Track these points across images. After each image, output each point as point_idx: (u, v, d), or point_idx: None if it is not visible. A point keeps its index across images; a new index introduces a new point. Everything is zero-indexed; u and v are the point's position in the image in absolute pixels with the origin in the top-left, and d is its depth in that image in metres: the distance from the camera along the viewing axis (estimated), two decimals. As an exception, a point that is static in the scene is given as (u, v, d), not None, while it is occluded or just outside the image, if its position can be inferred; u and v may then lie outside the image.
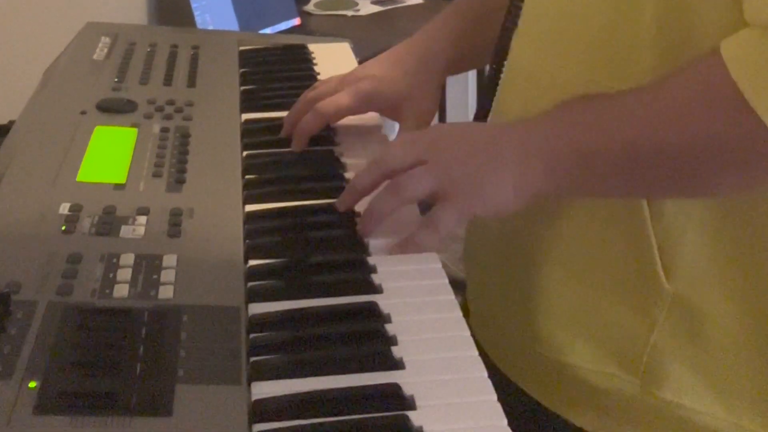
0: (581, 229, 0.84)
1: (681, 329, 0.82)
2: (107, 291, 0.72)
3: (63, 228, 0.80)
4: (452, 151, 0.81)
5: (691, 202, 0.79)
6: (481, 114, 0.98)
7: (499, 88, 0.92)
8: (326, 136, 1.02)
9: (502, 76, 0.93)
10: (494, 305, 0.94)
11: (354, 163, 0.97)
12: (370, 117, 1.05)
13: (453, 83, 2.71)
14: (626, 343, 0.84)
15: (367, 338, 0.71)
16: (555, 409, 0.89)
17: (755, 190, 0.77)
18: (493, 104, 0.93)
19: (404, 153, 0.82)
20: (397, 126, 1.04)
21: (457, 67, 1.05)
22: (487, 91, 0.98)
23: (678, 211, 0.80)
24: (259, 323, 0.71)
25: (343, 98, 1.00)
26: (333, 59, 1.25)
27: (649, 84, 0.76)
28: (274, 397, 0.64)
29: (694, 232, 0.79)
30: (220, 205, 0.87)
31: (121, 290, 0.72)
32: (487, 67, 0.99)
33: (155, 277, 0.74)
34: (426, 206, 0.82)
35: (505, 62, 0.91)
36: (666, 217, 0.80)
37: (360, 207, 0.85)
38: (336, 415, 0.63)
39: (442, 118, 2.57)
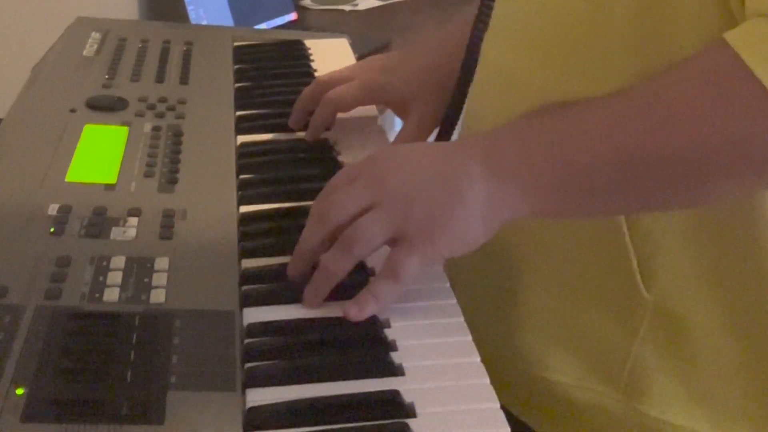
0: (558, 237, 0.84)
1: (663, 341, 0.81)
2: (97, 295, 0.72)
3: (51, 230, 0.80)
4: (404, 185, 0.72)
5: None
6: (449, 119, 0.99)
7: (470, 91, 0.91)
8: None
9: (473, 78, 0.92)
10: (474, 318, 0.92)
11: (350, 156, 0.97)
12: (367, 108, 1.06)
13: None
14: (607, 357, 0.83)
15: (366, 343, 0.71)
16: (537, 427, 0.89)
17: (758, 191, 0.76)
18: (465, 108, 0.92)
19: (349, 200, 0.74)
20: (397, 121, 1.04)
21: None
22: (456, 95, 0.97)
23: (655, 217, 0.79)
24: (253, 328, 0.71)
25: (351, 88, 1.01)
26: (330, 55, 1.25)
27: (640, 85, 0.71)
28: (269, 405, 0.64)
29: (672, 240, 0.79)
30: (214, 206, 0.87)
31: (112, 294, 0.72)
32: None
33: (147, 280, 0.74)
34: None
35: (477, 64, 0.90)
36: (643, 224, 0.79)
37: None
38: (333, 422, 0.63)
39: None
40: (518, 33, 0.83)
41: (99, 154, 0.93)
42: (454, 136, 0.96)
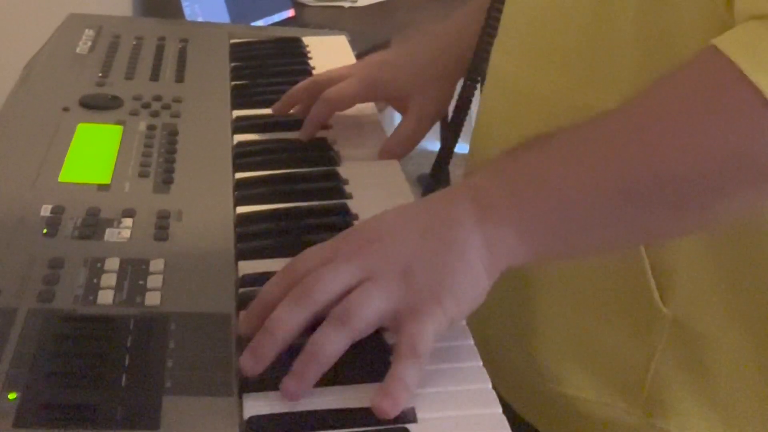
0: None
1: (682, 355, 0.81)
2: (91, 297, 0.72)
3: (44, 231, 0.80)
4: (395, 252, 0.67)
5: None
6: (454, 126, 0.99)
7: (481, 99, 0.91)
8: None
9: (482, 88, 0.92)
10: (494, 332, 0.92)
11: (349, 157, 0.97)
12: (366, 106, 1.06)
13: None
14: (626, 372, 0.83)
15: (366, 348, 0.70)
16: None
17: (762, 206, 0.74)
18: (476, 118, 0.92)
19: (333, 276, 0.66)
20: (396, 119, 1.04)
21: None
22: (463, 95, 0.97)
23: None
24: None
25: (350, 85, 1.01)
26: (329, 53, 1.25)
27: (628, 105, 0.67)
28: (268, 414, 0.64)
29: (689, 253, 0.78)
30: (210, 206, 0.87)
31: (106, 297, 0.72)
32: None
33: (141, 282, 0.74)
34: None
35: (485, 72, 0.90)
36: None
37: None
38: (332, 428, 0.63)
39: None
40: (524, 41, 0.83)
41: (92, 154, 0.93)
42: (464, 146, 0.96)
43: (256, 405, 0.65)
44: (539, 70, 0.81)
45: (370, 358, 0.69)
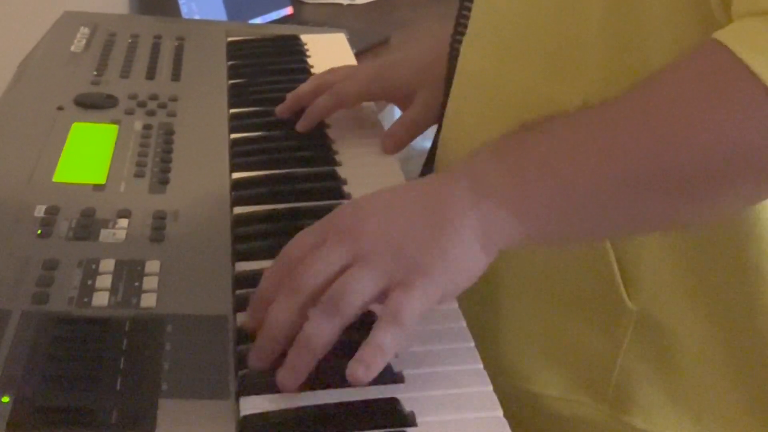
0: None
1: (648, 350, 0.82)
2: (86, 299, 0.72)
3: (38, 232, 0.80)
4: (386, 231, 0.67)
5: None
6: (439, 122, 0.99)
7: (450, 95, 0.91)
8: (318, 123, 1.03)
9: (452, 84, 0.93)
10: None
11: (348, 157, 0.97)
12: (365, 105, 1.06)
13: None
14: (592, 367, 0.84)
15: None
16: None
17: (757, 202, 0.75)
18: (446, 112, 0.92)
19: (322, 261, 0.67)
20: (396, 116, 1.04)
21: None
22: (444, 100, 0.98)
23: None
24: (247, 333, 0.71)
25: (357, 82, 1.02)
26: (328, 51, 1.25)
27: (632, 93, 0.68)
28: (264, 413, 0.64)
29: (654, 247, 0.79)
30: (207, 207, 0.87)
31: (101, 298, 0.72)
32: None
33: (137, 284, 0.74)
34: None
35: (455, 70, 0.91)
36: None
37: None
38: (329, 428, 0.63)
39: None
40: (493, 36, 0.84)
41: (87, 154, 0.93)
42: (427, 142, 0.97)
43: (252, 404, 0.65)
44: (507, 65, 0.82)
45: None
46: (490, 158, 0.70)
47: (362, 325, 0.66)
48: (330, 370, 0.66)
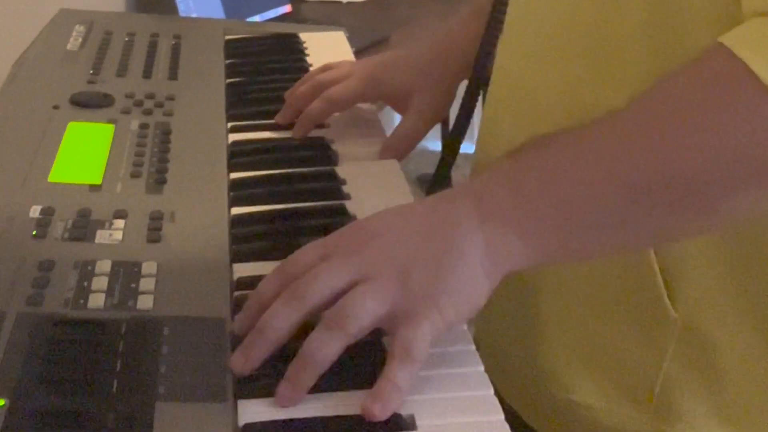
0: None
1: (692, 361, 0.81)
2: (81, 301, 0.72)
3: (34, 233, 0.80)
4: (394, 251, 0.67)
5: None
6: (458, 128, 0.99)
7: (487, 99, 0.92)
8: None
9: (486, 89, 0.92)
10: (500, 338, 0.92)
11: (347, 157, 0.98)
12: (365, 105, 1.06)
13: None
14: (634, 377, 0.83)
15: (364, 353, 0.70)
16: None
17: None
18: (483, 116, 0.93)
19: (328, 276, 0.66)
20: (396, 120, 1.04)
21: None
22: (466, 103, 0.98)
23: None
24: (245, 336, 0.71)
25: (351, 84, 1.02)
26: (327, 49, 1.25)
27: (634, 103, 0.68)
28: (264, 422, 0.64)
29: (699, 256, 0.78)
30: (204, 207, 0.87)
31: (97, 300, 0.72)
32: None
33: (133, 285, 0.74)
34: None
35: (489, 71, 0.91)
36: None
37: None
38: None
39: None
40: (530, 39, 0.84)
41: (83, 153, 0.93)
42: (470, 147, 0.96)
43: (252, 411, 0.65)
44: (546, 69, 0.82)
45: (368, 364, 0.69)
46: (493, 177, 0.70)
47: None
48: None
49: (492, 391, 0.67)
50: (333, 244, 0.69)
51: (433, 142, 1.79)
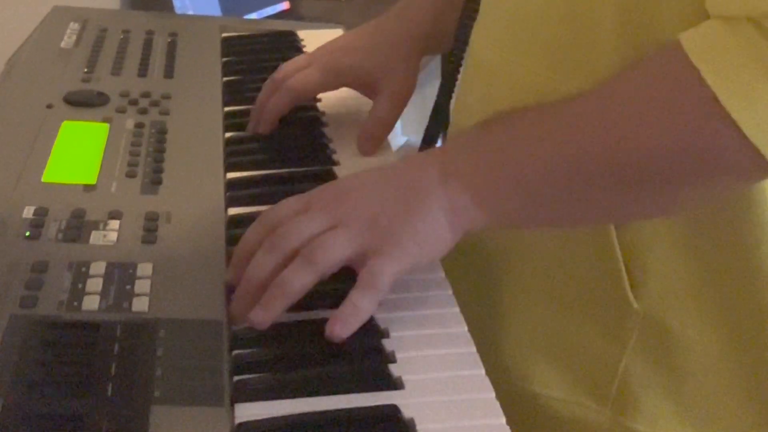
0: (544, 243, 0.85)
1: (653, 353, 0.82)
2: (76, 303, 0.72)
3: (27, 234, 0.80)
4: (365, 203, 0.75)
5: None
6: (439, 108, 0.99)
7: (458, 82, 0.92)
8: (315, 122, 1.04)
9: (461, 70, 0.93)
10: None
11: (345, 156, 0.98)
12: (363, 103, 1.06)
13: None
14: (595, 369, 0.84)
15: (363, 355, 0.71)
16: None
17: (713, 201, 0.77)
18: (454, 99, 0.93)
19: (305, 224, 0.74)
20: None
21: (436, 45, 1.04)
22: (444, 85, 0.98)
23: (645, 224, 0.79)
24: (243, 338, 0.72)
25: (312, 73, 1.00)
26: (325, 47, 1.25)
27: (597, 88, 0.72)
28: (259, 420, 0.64)
29: (663, 247, 0.80)
30: (200, 208, 0.87)
31: (91, 302, 0.73)
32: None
33: (128, 287, 0.75)
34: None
35: (465, 56, 0.91)
36: (632, 229, 0.80)
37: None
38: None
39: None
40: (505, 28, 0.84)
41: (78, 153, 0.93)
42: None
43: (247, 411, 0.65)
44: (520, 57, 0.82)
45: (367, 366, 0.69)
46: (459, 145, 0.78)
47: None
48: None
49: (493, 395, 0.68)
50: (309, 199, 0.77)
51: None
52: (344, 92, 1.04)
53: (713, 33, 0.67)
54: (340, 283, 0.74)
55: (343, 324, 0.71)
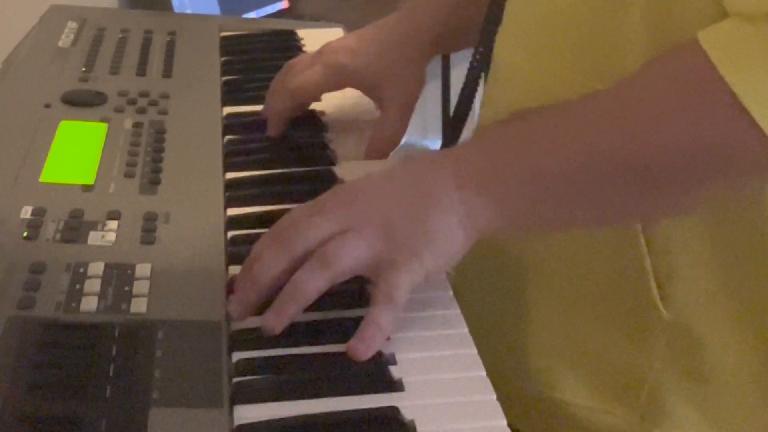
0: (572, 249, 0.84)
1: (681, 361, 0.82)
2: (74, 304, 0.72)
3: (25, 234, 0.80)
4: (378, 207, 0.73)
5: (688, 220, 0.78)
6: (460, 112, 0.99)
7: (485, 85, 0.92)
8: (315, 122, 1.03)
9: (488, 73, 0.93)
10: (482, 335, 0.92)
11: (345, 156, 0.98)
12: (364, 103, 1.06)
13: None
14: (623, 377, 0.84)
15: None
16: None
17: (732, 198, 0.76)
18: (480, 109, 0.93)
19: (317, 227, 0.73)
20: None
21: (446, 45, 1.04)
22: (467, 88, 0.98)
23: (673, 230, 0.79)
24: (242, 340, 0.71)
25: (315, 74, 1.00)
26: (324, 46, 1.25)
27: (615, 86, 0.72)
28: (259, 422, 0.64)
29: (691, 254, 0.79)
30: (199, 208, 0.87)
31: (89, 303, 0.72)
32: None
33: (127, 288, 0.74)
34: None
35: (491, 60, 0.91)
36: (661, 236, 0.79)
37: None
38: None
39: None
40: (530, 33, 0.84)
41: (76, 153, 0.93)
42: (467, 134, 0.96)
43: (246, 413, 0.65)
44: (546, 63, 0.82)
45: (367, 367, 0.69)
46: (475, 145, 0.77)
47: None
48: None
49: (494, 397, 0.68)
50: (320, 204, 0.75)
51: (434, 142, 1.80)
52: (345, 92, 1.04)
53: (731, 30, 0.67)
54: (339, 284, 0.74)
55: (367, 346, 0.69)
